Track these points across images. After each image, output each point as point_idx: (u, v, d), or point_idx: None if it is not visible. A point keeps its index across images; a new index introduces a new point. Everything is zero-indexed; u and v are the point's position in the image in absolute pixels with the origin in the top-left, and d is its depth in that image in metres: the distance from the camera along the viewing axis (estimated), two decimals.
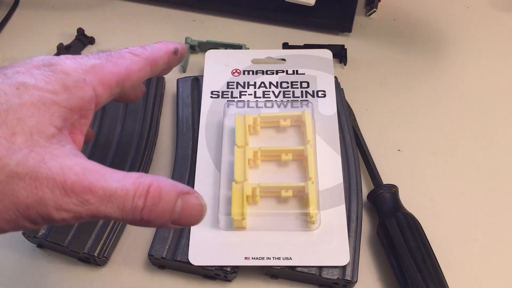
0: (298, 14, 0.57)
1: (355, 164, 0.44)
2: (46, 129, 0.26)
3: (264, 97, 0.48)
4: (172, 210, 0.27)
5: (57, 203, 0.25)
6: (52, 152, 0.26)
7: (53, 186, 0.25)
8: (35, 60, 0.29)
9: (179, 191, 0.28)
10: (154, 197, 0.27)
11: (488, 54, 0.56)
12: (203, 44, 0.54)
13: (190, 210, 0.28)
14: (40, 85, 0.27)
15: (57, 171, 0.25)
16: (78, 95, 0.28)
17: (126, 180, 0.27)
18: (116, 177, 0.27)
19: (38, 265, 0.41)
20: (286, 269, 0.39)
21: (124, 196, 0.26)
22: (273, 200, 0.42)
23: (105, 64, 0.30)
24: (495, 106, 0.51)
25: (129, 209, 0.26)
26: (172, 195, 0.27)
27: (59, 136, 0.27)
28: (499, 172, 0.47)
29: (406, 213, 0.41)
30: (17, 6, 0.60)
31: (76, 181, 0.25)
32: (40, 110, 0.26)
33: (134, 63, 0.32)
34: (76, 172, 0.26)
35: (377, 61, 0.55)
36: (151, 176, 0.27)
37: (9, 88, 0.26)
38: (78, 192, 0.25)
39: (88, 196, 0.26)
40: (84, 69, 0.29)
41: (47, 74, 0.28)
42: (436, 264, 0.39)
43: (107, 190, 0.26)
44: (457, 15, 0.60)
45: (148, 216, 0.27)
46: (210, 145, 0.45)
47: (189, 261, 0.39)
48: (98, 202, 0.26)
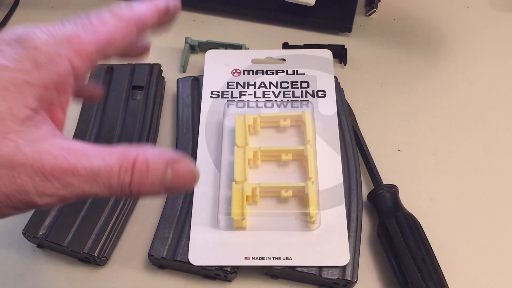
0: (298, 14, 0.57)
1: (355, 164, 0.44)
2: (19, 112, 0.24)
3: (264, 97, 0.48)
4: (162, 180, 0.26)
5: (38, 189, 0.24)
6: (27, 136, 0.24)
7: (31, 173, 0.24)
8: (6, 35, 0.26)
9: (167, 160, 0.26)
10: (141, 170, 0.26)
11: (488, 54, 0.56)
12: (203, 44, 0.55)
13: (182, 177, 0.27)
14: (10, 65, 0.25)
15: (34, 156, 0.24)
16: (52, 70, 0.26)
17: (110, 156, 0.26)
18: (99, 154, 0.25)
19: (38, 265, 0.41)
20: (286, 269, 0.39)
21: (109, 172, 0.25)
22: (273, 200, 0.42)
23: (82, 33, 0.27)
24: (495, 106, 0.51)
25: (116, 186, 0.25)
26: (160, 165, 0.26)
27: (34, 118, 0.25)
28: (499, 172, 0.47)
29: (406, 213, 0.41)
30: (17, 6, 0.60)
31: (55, 164, 0.24)
32: (12, 92, 0.24)
33: (117, 29, 0.29)
34: (55, 154, 0.24)
35: (377, 61, 0.55)
36: (137, 147, 0.26)
37: None
38: (58, 175, 0.24)
39: (70, 179, 0.24)
40: (57, 41, 0.26)
41: (18, 51, 0.25)
42: (436, 264, 0.39)
43: (90, 169, 0.25)
44: (457, 15, 0.60)
45: (138, 190, 0.26)
46: (210, 145, 0.45)
47: (189, 261, 0.39)
48: (82, 183, 0.25)
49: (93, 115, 0.47)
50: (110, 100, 0.48)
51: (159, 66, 0.51)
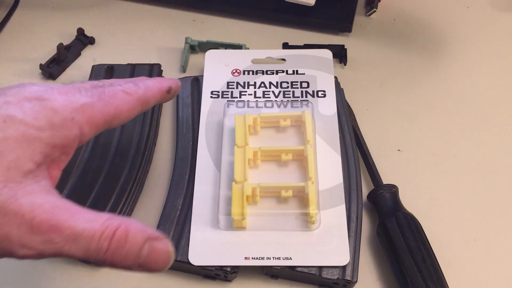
0: (298, 14, 0.57)
1: (355, 164, 0.44)
2: (24, 164, 0.26)
3: (264, 97, 0.48)
4: (137, 254, 0.27)
5: (21, 241, 0.25)
6: (25, 188, 0.26)
7: (21, 223, 0.25)
8: (28, 91, 0.28)
9: (147, 236, 0.27)
10: (119, 239, 0.26)
11: (488, 54, 0.56)
12: (203, 44, 0.54)
13: (157, 256, 0.27)
14: (27, 120, 0.27)
15: (27, 208, 0.25)
16: (64, 133, 0.28)
17: (95, 222, 0.26)
18: (86, 217, 0.26)
19: (38, 265, 0.41)
20: (286, 269, 0.39)
21: (90, 237, 0.26)
22: (273, 200, 0.42)
23: (96, 103, 0.30)
24: (495, 106, 0.51)
25: (93, 250, 0.26)
26: (139, 239, 0.27)
27: (36, 172, 0.27)
28: (499, 172, 0.47)
29: (406, 213, 0.41)
30: (17, 6, 0.60)
31: (44, 219, 0.25)
32: (22, 145, 0.26)
33: (125, 102, 0.31)
34: (46, 210, 0.26)
35: (377, 61, 0.55)
36: (122, 218, 0.27)
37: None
38: (44, 230, 0.25)
39: (54, 236, 0.25)
40: (74, 108, 0.29)
41: (37, 109, 0.27)
42: (436, 264, 0.39)
43: (74, 230, 0.26)
44: (457, 15, 0.60)
45: (112, 258, 0.26)
46: (210, 145, 0.45)
47: (189, 261, 0.39)
48: (63, 242, 0.26)
49: None
50: None
51: (159, 66, 0.51)
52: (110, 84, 0.33)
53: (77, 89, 0.30)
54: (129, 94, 0.32)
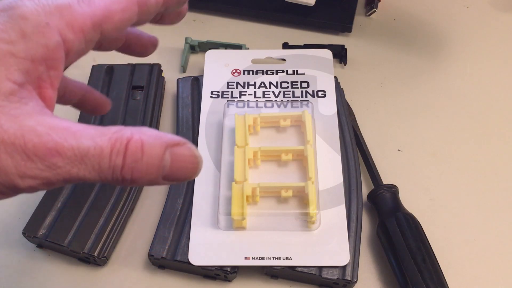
0: (298, 14, 0.57)
1: (355, 164, 0.44)
2: (2, 85, 0.23)
3: (264, 97, 0.48)
4: (159, 165, 0.24)
5: (19, 170, 0.22)
6: (9, 112, 0.22)
7: (12, 151, 0.22)
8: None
9: (166, 143, 0.24)
10: (135, 152, 0.23)
11: (488, 54, 0.56)
12: (203, 44, 0.55)
13: (182, 163, 0.24)
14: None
15: (15, 133, 0.22)
16: (40, 42, 0.24)
17: (101, 137, 0.23)
18: (89, 134, 0.23)
19: (38, 265, 0.41)
20: (286, 269, 0.39)
21: (99, 155, 0.23)
22: (273, 200, 0.42)
23: (75, 3, 0.25)
24: (495, 106, 0.51)
25: (107, 169, 0.23)
26: (157, 148, 0.23)
27: (20, 93, 0.23)
28: (499, 172, 0.47)
29: (406, 213, 0.41)
30: None
31: (38, 143, 0.22)
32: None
33: (114, 1, 0.26)
34: (39, 132, 0.22)
35: (377, 61, 0.55)
36: (132, 128, 0.24)
37: None
38: (42, 155, 0.22)
39: (55, 159, 0.22)
40: (47, 11, 0.24)
41: (3, 20, 0.23)
42: (436, 264, 0.39)
43: (78, 150, 0.23)
44: (457, 15, 0.60)
45: (131, 175, 0.23)
46: (210, 145, 0.45)
47: (189, 261, 0.39)
48: (68, 165, 0.23)
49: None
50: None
51: (159, 66, 0.51)
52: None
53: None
54: None
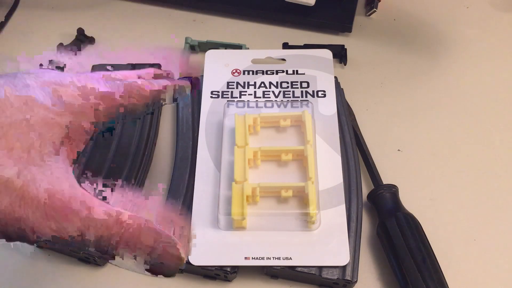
0: (298, 14, 0.57)
1: (355, 164, 0.44)
2: (44, 147, 0.26)
3: (264, 97, 0.48)
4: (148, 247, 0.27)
5: (35, 225, 0.25)
6: (44, 172, 0.26)
7: (37, 208, 0.25)
8: (48, 76, 0.29)
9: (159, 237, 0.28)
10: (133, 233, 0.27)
11: (488, 54, 0.56)
12: (203, 44, 0.54)
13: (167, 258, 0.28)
14: (47, 104, 0.27)
15: (45, 193, 0.25)
16: (81, 119, 0.29)
17: (108, 211, 0.27)
18: (99, 206, 0.27)
19: (38, 265, 0.41)
20: (286, 269, 0.39)
21: (103, 227, 0.27)
22: (273, 200, 0.42)
23: (113, 93, 0.31)
24: (495, 106, 0.51)
25: (105, 240, 0.27)
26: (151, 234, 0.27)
27: (55, 156, 0.27)
28: (499, 172, 0.47)
29: (406, 213, 0.41)
30: (17, 6, 0.60)
31: (59, 206, 0.26)
32: (43, 129, 0.27)
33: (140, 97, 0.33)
34: (62, 196, 0.26)
35: (377, 61, 0.55)
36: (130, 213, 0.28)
37: (16, 101, 0.26)
38: (58, 218, 0.26)
39: (67, 224, 0.26)
40: (93, 96, 0.30)
41: (57, 94, 0.28)
42: (436, 264, 0.39)
43: (87, 219, 0.26)
44: (457, 15, 0.59)
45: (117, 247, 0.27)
46: (210, 145, 0.45)
47: (189, 261, 0.39)
48: (75, 230, 0.26)
49: None
50: None
51: (159, 66, 0.51)
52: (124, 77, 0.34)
53: (96, 77, 0.31)
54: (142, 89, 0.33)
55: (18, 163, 0.25)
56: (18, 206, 0.25)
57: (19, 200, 0.25)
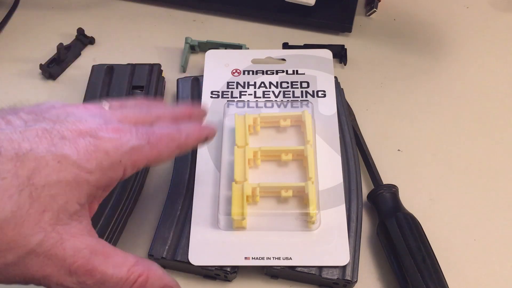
0: (298, 14, 0.57)
1: (355, 164, 0.44)
2: (72, 207, 0.27)
3: (264, 97, 0.48)
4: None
5: (59, 281, 0.27)
6: (70, 230, 0.27)
7: (61, 267, 0.27)
8: (83, 124, 0.29)
9: (164, 284, 0.30)
10: (140, 285, 0.29)
11: (488, 54, 0.56)
12: (203, 44, 0.55)
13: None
14: (80, 163, 0.27)
15: (70, 252, 0.27)
16: (110, 175, 0.29)
17: (122, 267, 0.29)
18: (115, 262, 0.29)
19: None
20: (286, 269, 0.39)
21: (116, 283, 0.28)
22: (273, 200, 0.42)
23: (143, 147, 0.31)
24: (495, 106, 0.51)
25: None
26: (156, 286, 0.30)
27: (80, 212, 0.28)
28: (499, 172, 0.47)
29: (406, 213, 0.41)
30: (17, 6, 0.60)
31: (82, 264, 0.27)
32: (72, 188, 0.27)
33: (167, 148, 0.32)
34: (85, 255, 0.27)
35: (377, 61, 0.55)
36: (145, 264, 0.30)
37: (52, 159, 0.26)
38: (80, 274, 0.27)
39: (87, 279, 0.28)
40: (123, 151, 0.29)
41: (90, 149, 0.28)
42: (436, 264, 0.39)
43: (104, 276, 0.28)
44: (457, 15, 0.60)
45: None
46: (210, 145, 0.45)
47: (189, 261, 0.39)
48: (93, 284, 0.28)
49: None
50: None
51: (159, 66, 0.51)
52: (157, 118, 0.34)
53: (129, 127, 0.30)
54: (172, 140, 0.33)
55: (47, 226, 0.26)
56: (45, 265, 0.27)
57: (47, 260, 0.26)
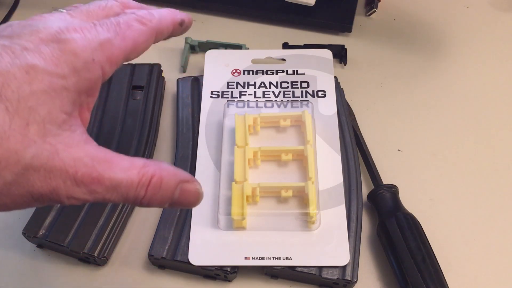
0: (298, 14, 0.57)
1: (355, 164, 0.44)
2: (57, 116, 0.26)
3: (264, 97, 0.48)
4: (170, 197, 0.29)
5: (68, 193, 0.26)
6: (64, 141, 0.26)
7: (66, 177, 0.26)
8: (42, 32, 0.27)
9: (179, 180, 0.29)
10: (155, 186, 0.28)
11: (488, 54, 0.56)
12: (203, 44, 0.55)
13: (187, 196, 0.30)
14: (50, 69, 0.26)
15: (70, 162, 0.26)
16: (87, 76, 0.27)
17: (131, 170, 0.28)
18: (122, 166, 0.27)
19: (38, 265, 0.41)
20: (286, 269, 0.39)
21: (129, 186, 0.27)
22: (273, 200, 0.42)
23: (113, 38, 0.29)
24: (495, 106, 0.51)
25: (131, 197, 0.28)
26: (172, 184, 0.29)
27: (69, 121, 0.27)
28: (499, 172, 0.47)
29: (406, 213, 0.41)
30: (17, 6, 0.60)
31: (86, 172, 0.26)
32: (51, 97, 0.26)
33: (141, 34, 0.30)
34: (86, 163, 0.26)
35: (377, 61, 0.55)
36: (155, 164, 0.28)
37: (18, 71, 0.25)
38: (87, 183, 0.26)
39: (96, 187, 0.27)
40: (93, 47, 0.28)
41: (56, 54, 0.26)
42: (436, 264, 0.39)
43: (114, 181, 0.27)
44: (457, 15, 0.60)
45: (148, 202, 0.28)
46: (210, 145, 0.45)
47: (189, 261, 0.39)
48: (105, 191, 0.27)
49: (93, 115, 0.47)
50: (110, 100, 0.48)
51: (159, 66, 0.51)
52: (122, 8, 0.32)
53: (92, 23, 0.29)
54: (144, 24, 0.30)
55: (37, 138, 0.25)
56: (48, 179, 0.25)
57: (48, 173, 0.25)
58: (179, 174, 0.29)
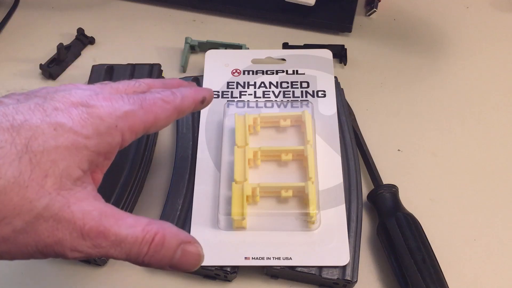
0: (298, 14, 0.57)
1: (355, 164, 0.44)
2: (74, 172, 0.27)
3: (264, 97, 0.48)
4: (171, 257, 0.29)
5: (72, 245, 0.27)
6: (75, 195, 0.27)
7: (73, 230, 0.27)
8: (74, 96, 0.29)
9: (181, 240, 0.30)
10: (157, 244, 0.29)
11: (488, 54, 0.56)
12: (203, 44, 0.55)
13: (188, 257, 0.30)
14: (76, 129, 0.28)
15: (79, 215, 0.27)
16: (108, 140, 0.29)
17: (136, 227, 0.28)
18: (128, 223, 0.28)
19: (38, 265, 0.41)
20: (286, 269, 0.39)
21: (133, 242, 0.28)
22: (273, 200, 0.42)
23: (137, 111, 0.31)
24: (495, 106, 0.51)
25: (134, 253, 0.28)
26: (173, 243, 0.29)
27: (83, 178, 0.28)
28: (499, 172, 0.47)
29: (406, 213, 0.41)
30: (17, 6, 0.60)
31: (93, 226, 0.27)
32: (72, 153, 0.27)
33: (163, 111, 0.33)
34: (94, 217, 0.27)
35: (377, 61, 0.55)
36: (158, 223, 0.29)
37: (47, 127, 0.27)
38: (93, 236, 0.27)
39: (101, 241, 0.27)
40: (117, 116, 0.30)
41: (84, 117, 0.28)
42: (436, 264, 0.39)
43: (119, 236, 0.28)
44: (457, 15, 0.60)
45: (149, 261, 0.29)
46: (210, 145, 0.45)
47: None
48: (109, 246, 0.28)
49: None
50: None
51: (159, 66, 0.51)
52: (148, 88, 0.34)
53: (120, 95, 0.31)
54: (167, 103, 0.33)
55: (51, 190, 0.26)
56: (56, 230, 0.27)
57: (56, 224, 0.26)
58: (181, 235, 0.30)
